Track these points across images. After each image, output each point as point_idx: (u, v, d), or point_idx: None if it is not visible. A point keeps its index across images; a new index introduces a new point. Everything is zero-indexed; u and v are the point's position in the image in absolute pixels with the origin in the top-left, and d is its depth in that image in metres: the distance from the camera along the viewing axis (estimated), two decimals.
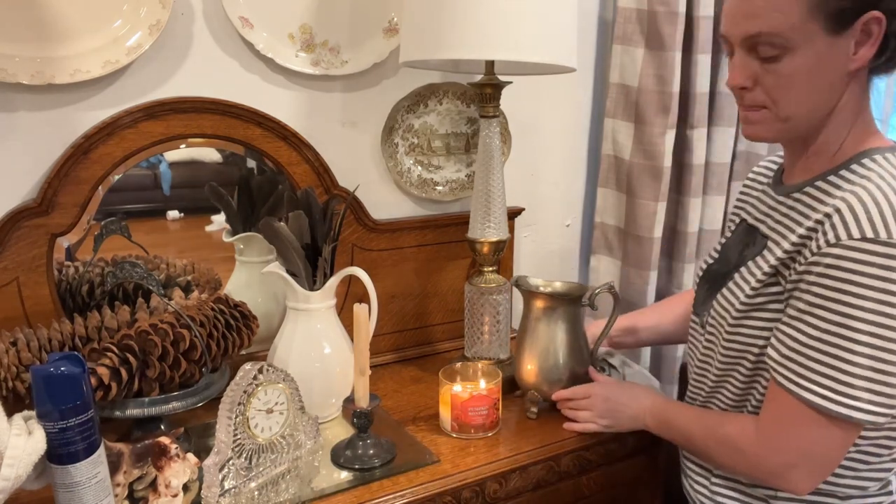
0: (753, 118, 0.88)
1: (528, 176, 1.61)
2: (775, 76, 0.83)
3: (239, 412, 0.92)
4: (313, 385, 1.08)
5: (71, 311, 1.13)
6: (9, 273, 1.07)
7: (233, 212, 1.28)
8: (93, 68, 1.08)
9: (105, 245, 1.16)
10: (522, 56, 1.10)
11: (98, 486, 0.79)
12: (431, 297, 1.46)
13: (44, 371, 0.75)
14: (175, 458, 0.90)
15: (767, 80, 0.83)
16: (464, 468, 1.02)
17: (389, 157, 1.39)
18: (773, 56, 0.82)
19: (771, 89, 0.84)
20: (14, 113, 1.08)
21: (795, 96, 0.83)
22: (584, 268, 1.77)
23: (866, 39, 0.79)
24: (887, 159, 0.83)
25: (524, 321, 1.21)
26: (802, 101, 0.83)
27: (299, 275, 1.11)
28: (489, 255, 1.30)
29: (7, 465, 0.71)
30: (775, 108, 0.85)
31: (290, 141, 1.25)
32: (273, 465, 0.97)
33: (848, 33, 0.79)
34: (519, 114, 1.53)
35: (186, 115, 1.16)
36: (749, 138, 0.90)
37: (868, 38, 0.79)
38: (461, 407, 1.09)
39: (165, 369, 0.99)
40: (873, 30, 0.78)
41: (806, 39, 0.79)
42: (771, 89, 0.84)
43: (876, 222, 0.77)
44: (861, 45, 0.79)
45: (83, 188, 1.10)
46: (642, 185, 1.59)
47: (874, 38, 0.78)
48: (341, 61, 1.29)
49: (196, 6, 1.18)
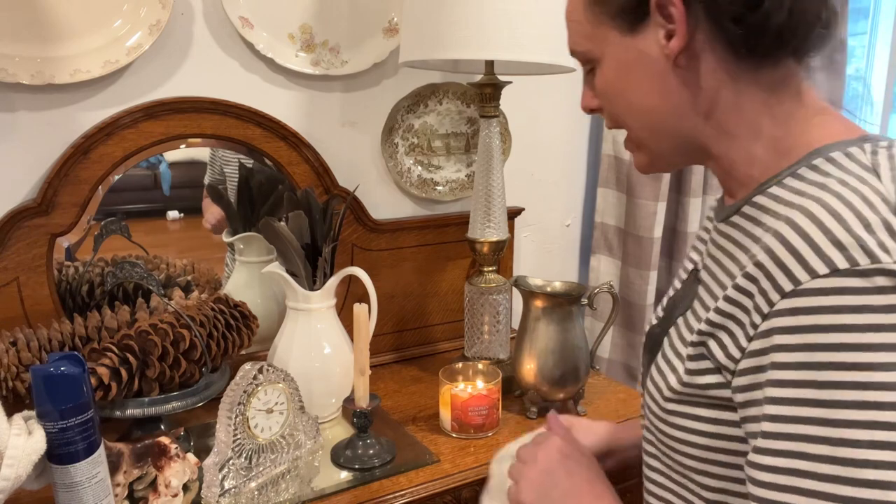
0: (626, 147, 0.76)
1: (528, 176, 1.61)
2: (598, 93, 0.72)
3: (239, 412, 0.92)
4: (313, 385, 1.08)
5: (71, 311, 1.13)
6: (9, 273, 1.07)
7: (233, 212, 1.28)
8: (93, 68, 1.08)
9: (105, 245, 1.16)
10: (522, 56, 1.10)
11: (98, 486, 0.79)
12: (431, 297, 1.47)
13: (44, 371, 0.75)
14: (175, 458, 0.90)
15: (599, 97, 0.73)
16: (464, 468, 1.02)
17: (389, 157, 1.39)
18: (589, 71, 0.73)
19: (605, 108, 0.73)
20: (14, 113, 1.08)
21: (624, 111, 0.71)
22: (584, 268, 1.77)
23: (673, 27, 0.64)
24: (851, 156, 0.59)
25: (524, 321, 1.21)
26: (634, 115, 0.70)
27: (299, 275, 1.11)
28: (489, 255, 1.30)
29: (7, 465, 0.71)
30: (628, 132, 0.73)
31: (290, 141, 1.25)
32: (273, 465, 0.97)
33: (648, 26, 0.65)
34: (519, 114, 1.53)
35: (186, 115, 1.16)
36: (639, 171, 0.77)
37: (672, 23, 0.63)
38: (461, 407, 1.09)
39: (165, 369, 0.99)
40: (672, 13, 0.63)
41: (604, 47, 0.69)
42: (605, 108, 0.73)
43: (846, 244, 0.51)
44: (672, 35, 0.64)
45: (83, 188, 1.10)
46: (642, 185, 1.59)
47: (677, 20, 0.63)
48: (341, 61, 1.29)
49: (196, 6, 1.18)
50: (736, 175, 0.68)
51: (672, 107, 0.67)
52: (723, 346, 0.59)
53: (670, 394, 0.65)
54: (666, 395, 0.65)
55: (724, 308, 0.59)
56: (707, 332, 0.61)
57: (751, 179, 0.66)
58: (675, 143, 0.70)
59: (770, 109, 0.65)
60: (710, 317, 0.60)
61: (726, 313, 0.59)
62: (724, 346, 0.59)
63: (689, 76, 0.65)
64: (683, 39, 0.63)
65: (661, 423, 0.66)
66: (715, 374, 0.60)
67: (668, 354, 0.68)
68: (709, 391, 0.61)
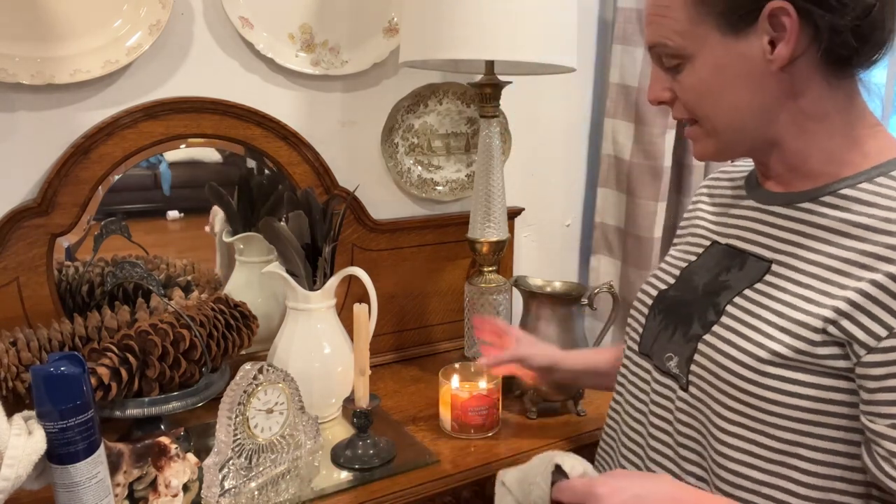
0: (689, 134, 0.78)
1: (528, 176, 1.61)
2: (681, 87, 0.74)
3: (239, 412, 0.92)
4: (313, 385, 1.08)
5: (71, 311, 1.13)
6: (9, 273, 1.07)
7: (233, 212, 1.28)
8: (93, 68, 1.08)
9: (105, 245, 1.16)
10: (522, 56, 1.10)
11: (98, 486, 0.79)
12: (431, 297, 1.46)
13: (44, 371, 0.75)
14: (175, 458, 0.90)
15: (679, 92, 0.75)
16: (464, 468, 1.02)
17: (389, 157, 1.39)
18: (675, 66, 0.74)
19: (685, 102, 0.75)
20: (14, 113, 1.08)
21: (710, 107, 0.73)
22: (584, 268, 1.77)
23: (781, 35, 0.67)
24: None
25: (524, 321, 1.21)
26: (721, 111, 0.73)
27: (299, 275, 1.11)
28: (489, 255, 1.30)
29: (7, 465, 0.71)
30: (702, 122, 0.75)
31: (290, 141, 1.25)
32: (273, 465, 0.97)
33: (753, 31, 0.68)
34: (519, 114, 1.53)
35: (186, 115, 1.16)
36: (697, 158, 0.81)
37: (782, 32, 0.67)
38: (461, 407, 1.09)
39: (165, 369, 0.99)
40: (784, 22, 0.66)
41: (701, 45, 0.70)
42: (685, 102, 0.75)
43: None
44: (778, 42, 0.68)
45: (83, 188, 1.10)
46: (642, 184, 1.59)
47: (788, 31, 0.66)
48: (341, 61, 1.29)
49: (196, 6, 1.18)
50: (805, 169, 0.74)
51: (762, 108, 0.71)
52: (862, 326, 0.64)
53: (773, 358, 0.68)
54: (766, 358, 0.68)
55: (870, 292, 0.64)
56: (845, 311, 0.65)
57: (823, 175, 0.73)
58: (751, 138, 0.74)
59: (847, 114, 0.72)
60: (850, 296, 0.65)
61: (872, 297, 0.64)
62: (863, 326, 0.64)
63: (785, 81, 0.70)
64: (792, 50, 0.67)
65: (755, 385, 0.69)
66: (835, 347, 0.66)
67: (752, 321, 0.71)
68: (824, 361, 0.66)
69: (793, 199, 0.74)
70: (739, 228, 0.80)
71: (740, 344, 0.70)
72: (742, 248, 0.78)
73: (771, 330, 0.69)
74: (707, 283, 0.78)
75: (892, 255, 0.64)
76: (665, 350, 0.79)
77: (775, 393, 0.68)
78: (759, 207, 0.78)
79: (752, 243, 0.77)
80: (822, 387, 0.66)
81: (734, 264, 0.77)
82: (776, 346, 0.68)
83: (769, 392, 0.68)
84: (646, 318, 0.85)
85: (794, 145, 0.73)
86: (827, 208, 0.71)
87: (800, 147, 0.73)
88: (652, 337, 0.82)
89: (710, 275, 0.79)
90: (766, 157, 0.76)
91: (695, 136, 0.77)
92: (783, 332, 0.68)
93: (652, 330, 0.83)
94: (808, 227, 0.72)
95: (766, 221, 0.76)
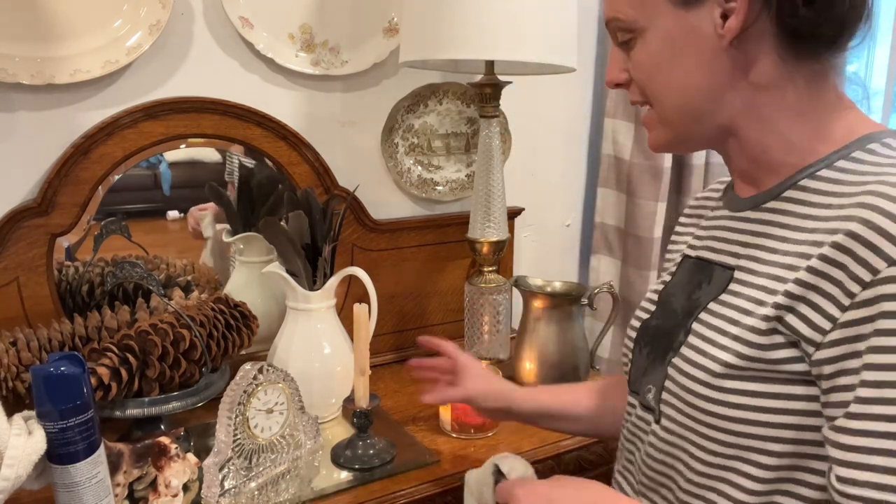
0: (644, 121, 0.73)
1: (528, 176, 1.61)
2: (633, 65, 0.69)
3: (239, 412, 0.92)
4: (313, 385, 1.08)
5: (71, 311, 1.13)
6: (9, 273, 1.07)
7: (233, 212, 1.28)
8: (93, 68, 1.08)
9: (105, 245, 1.16)
10: (522, 56, 1.10)
11: (98, 486, 0.79)
12: (431, 297, 1.46)
13: (44, 371, 0.75)
14: (175, 458, 0.90)
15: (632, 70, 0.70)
16: (464, 468, 1.02)
17: (389, 157, 1.39)
18: (628, 41, 0.69)
19: (637, 81, 0.70)
20: (14, 113, 1.08)
21: (661, 86, 0.68)
22: (584, 268, 1.77)
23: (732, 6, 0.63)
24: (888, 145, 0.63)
25: (524, 321, 1.21)
26: (672, 92, 0.68)
27: (299, 275, 1.11)
28: (489, 255, 1.30)
29: (7, 465, 0.71)
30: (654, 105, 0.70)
31: (290, 141, 1.25)
32: (273, 465, 0.97)
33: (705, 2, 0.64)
34: (519, 114, 1.53)
35: (186, 115, 1.16)
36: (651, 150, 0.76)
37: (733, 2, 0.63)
38: (461, 407, 1.09)
39: (165, 369, 0.99)
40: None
41: (652, 18, 0.66)
42: (637, 81, 0.70)
43: None
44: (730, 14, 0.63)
45: (83, 188, 1.10)
46: (642, 185, 1.59)
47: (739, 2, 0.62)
48: (341, 61, 1.29)
49: (196, 6, 1.18)
50: (766, 161, 0.68)
51: (713, 87, 0.66)
52: (805, 318, 0.58)
53: (726, 370, 0.62)
54: (719, 372, 0.63)
55: (807, 280, 0.58)
56: (785, 305, 0.59)
57: (786, 166, 0.67)
58: (704, 125, 0.69)
59: (810, 99, 0.65)
60: (789, 289, 0.59)
61: (809, 285, 0.58)
62: (806, 318, 0.58)
63: (738, 58, 0.64)
64: (742, 22, 0.62)
65: (712, 403, 0.63)
66: (790, 349, 0.60)
67: (710, 335, 0.66)
68: (780, 366, 0.60)
69: (759, 200, 0.69)
70: (710, 239, 0.74)
71: (698, 361, 0.65)
72: (710, 258, 0.73)
73: (725, 341, 0.63)
74: (683, 305, 0.73)
75: (826, 238, 0.58)
76: (647, 383, 0.74)
77: (735, 409, 0.62)
78: (729, 215, 0.73)
79: (719, 252, 0.72)
80: (785, 395, 0.60)
81: (703, 278, 0.72)
82: (728, 356, 0.62)
83: (730, 409, 0.62)
84: (632, 353, 0.79)
85: (752, 134, 0.67)
86: (788, 204, 0.66)
87: (757, 136, 0.67)
88: (640, 372, 0.76)
89: (685, 294, 0.74)
90: (725, 149, 0.71)
91: (649, 124, 0.73)
92: (736, 340, 0.62)
93: (639, 364, 0.77)
94: (770, 226, 0.66)
95: (734, 228, 0.71)
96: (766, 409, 0.61)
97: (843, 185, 0.61)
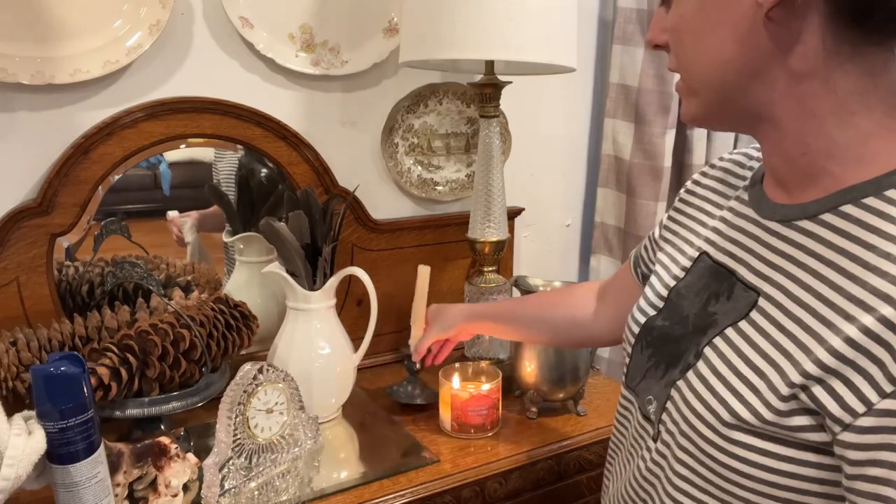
0: (677, 88, 0.67)
1: (528, 176, 1.61)
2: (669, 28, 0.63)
3: (239, 412, 0.92)
4: (313, 385, 1.08)
5: (71, 311, 1.13)
6: (9, 273, 1.07)
7: (233, 212, 1.28)
8: (93, 68, 1.08)
9: (105, 245, 1.16)
10: (522, 56, 1.10)
11: (98, 486, 0.79)
12: (432, 297, 1.46)
13: (44, 371, 0.75)
14: (175, 458, 0.90)
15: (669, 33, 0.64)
16: (464, 468, 1.02)
17: (389, 157, 1.39)
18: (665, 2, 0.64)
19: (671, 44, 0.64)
20: (14, 113, 1.08)
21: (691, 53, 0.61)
22: (584, 268, 1.77)
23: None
24: None
25: None
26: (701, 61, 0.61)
27: (299, 275, 1.11)
28: (489, 255, 1.30)
29: (7, 465, 0.71)
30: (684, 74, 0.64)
31: (290, 141, 1.25)
32: (273, 465, 0.97)
33: None
34: (519, 114, 1.53)
35: (186, 115, 1.16)
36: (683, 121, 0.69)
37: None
38: (461, 407, 1.09)
39: (165, 369, 0.99)
40: None
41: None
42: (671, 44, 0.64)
43: None
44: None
45: (83, 188, 1.10)
46: (642, 185, 1.59)
47: None
48: (341, 61, 1.29)
49: (196, 6, 1.18)
50: (805, 163, 0.59)
51: (746, 64, 0.58)
52: (835, 395, 0.51)
53: (737, 422, 0.56)
54: (729, 422, 0.57)
55: (843, 352, 0.50)
56: (815, 376, 0.52)
57: (827, 175, 0.58)
58: (736, 103, 0.61)
59: (865, 96, 0.55)
60: (822, 358, 0.52)
61: (846, 358, 0.50)
62: (837, 395, 0.51)
63: (780, 34, 0.55)
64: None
65: (716, 450, 0.58)
66: (810, 416, 0.53)
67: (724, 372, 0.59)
68: (797, 433, 0.54)
69: (790, 215, 0.60)
70: (733, 243, 0.67)
71: (706, 399, 0.59)
72: (732, 268, 0.65)
73: (740, 387, 0.57)
74: (697, 315, 0.66)
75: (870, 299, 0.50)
76: (648, 391, 0.69)
77: (740, 462, 0.56)
78: (755, 219, 0.65)
79: (742, 264, 0.64)
80: (795, 461, 0.54)
81: (722, 290, 0.65)
82: (741, 409, 0.56)
83: (733, 461, 0.57)
84: (632, 349, 0.74)
85: (791, 125, 0.58)
86: (824, 230, 0.57)
87: (797, 128, 0.58)
88: (639, 373, 0.72)
89: (699, 301, 0.67)
90: (761, 136, 0.62)
91: (681, 92, 0.66)
92: (753, 391, 0.56)
93: (639, 365, 0.72)
94: (801, 252, 0.58)
95: (760, 239, 0.63)
96: (773, 470, 0.55)
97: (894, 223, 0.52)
